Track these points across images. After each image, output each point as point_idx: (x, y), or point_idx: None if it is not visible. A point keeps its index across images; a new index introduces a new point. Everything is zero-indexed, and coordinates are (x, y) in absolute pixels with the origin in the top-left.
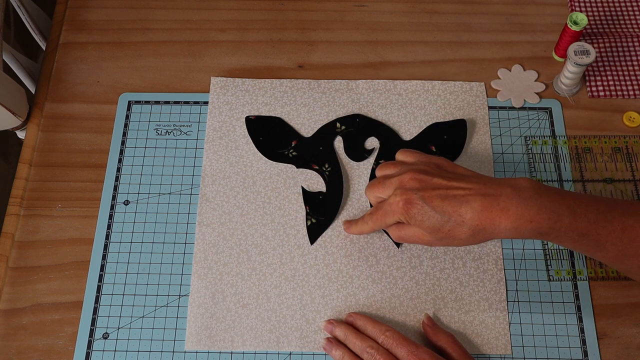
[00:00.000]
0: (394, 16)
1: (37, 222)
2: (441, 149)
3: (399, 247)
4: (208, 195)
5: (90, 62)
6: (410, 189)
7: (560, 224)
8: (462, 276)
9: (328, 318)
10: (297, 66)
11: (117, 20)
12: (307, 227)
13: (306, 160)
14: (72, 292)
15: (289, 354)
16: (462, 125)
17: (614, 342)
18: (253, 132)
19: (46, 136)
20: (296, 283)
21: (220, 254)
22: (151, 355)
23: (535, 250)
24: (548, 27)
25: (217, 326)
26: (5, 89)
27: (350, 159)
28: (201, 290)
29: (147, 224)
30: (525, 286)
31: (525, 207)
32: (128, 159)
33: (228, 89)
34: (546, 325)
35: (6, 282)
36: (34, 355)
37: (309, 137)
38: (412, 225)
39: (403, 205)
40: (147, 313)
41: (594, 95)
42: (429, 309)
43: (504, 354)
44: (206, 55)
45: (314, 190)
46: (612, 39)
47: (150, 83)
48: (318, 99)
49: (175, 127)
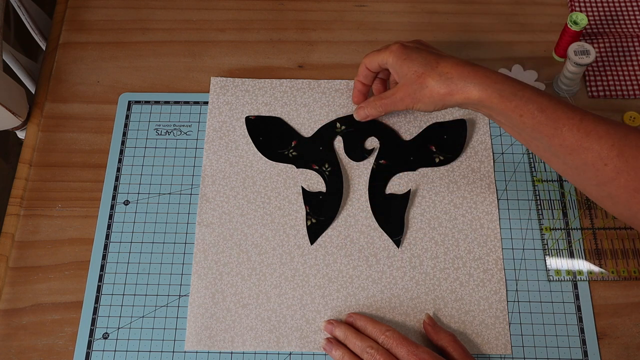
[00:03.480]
0: (394, 16)
1: (37, 222)
2: (441, 149)
3: (399, 247)
4: (208, 195)
5: (90, 62)
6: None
7: (524, 92)
8: (462, 276)
9: (328, 318)
10: (297, 66)
11: (117, 20)
12: (307, 227)
13: (306, 160)
14: (72, 292)
15: (289, 354)
16: (462, 125)
17: (614, 342)
18: (253, 132)
19: (46, 136)
20: (296, 283)
21: (220, 254)
22: (151, 355)
23: (535, 250)
24: (548, 27)
25: (217, 326)
26: (5, 89)
27: (350, 159)
28: (201, 290)
29: (147, 224)
30: (525, 286)
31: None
32: (128, 159)
33: (228, 89)
34: (546, 325)
35: (6, 282)
36: (34, 355)
37: (309, 137)
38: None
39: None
40: (147, 313)
41: (594, 95)
42: (429, 309)
43: (504, 354)
44: (206, 55)
45: (314, 190)
46: (612, 39)
47: (150, 83)
48: (318, 99)
49: (175, 127)
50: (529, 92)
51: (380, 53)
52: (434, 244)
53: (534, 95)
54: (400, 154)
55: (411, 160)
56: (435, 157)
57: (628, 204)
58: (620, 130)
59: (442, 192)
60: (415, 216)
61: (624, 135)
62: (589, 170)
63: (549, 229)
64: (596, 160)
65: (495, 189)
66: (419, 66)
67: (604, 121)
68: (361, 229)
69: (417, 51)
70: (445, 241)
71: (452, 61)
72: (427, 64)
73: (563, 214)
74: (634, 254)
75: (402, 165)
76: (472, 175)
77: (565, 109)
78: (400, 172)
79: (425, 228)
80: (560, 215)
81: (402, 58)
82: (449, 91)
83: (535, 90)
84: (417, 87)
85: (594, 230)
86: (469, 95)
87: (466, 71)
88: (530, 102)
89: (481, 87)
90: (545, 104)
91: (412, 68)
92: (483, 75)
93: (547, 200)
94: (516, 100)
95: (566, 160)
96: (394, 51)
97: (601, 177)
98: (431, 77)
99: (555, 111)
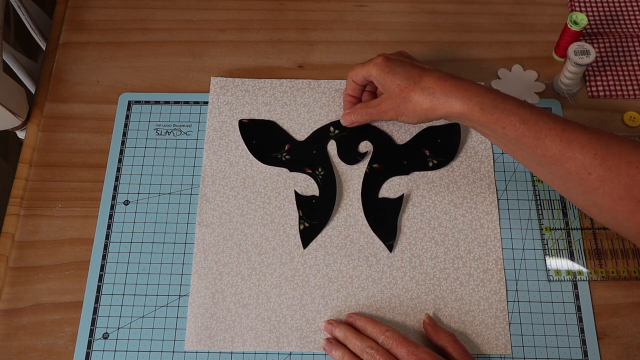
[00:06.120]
0: (394, 16)
1: (37, 222)
2: (435, 153)
3: (391, 251)
4: (208, 195)
5: (90, 62)
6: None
7: (505, 105)
8: (462, 276)
9: (328, 318)
10: (297, 66)
11: (117, 20)
12: (300, 230)
13: (299, 164)
14: (72, 292)
15: (289, 354)
16: (455, 129)
17: (614, 342)
18: (246, 136)
19: (46, 136)
20: (296, 283)
21: (220, 254)
22: (151, 355)
23: (535, 250)
24: (548, 27)
25: (217, 326)
26: (5, 89)
27: (343, 163)
28: (201, 290)
29: (147, 224)
30: (525, 286)
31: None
32: (128, 159)
33: (228, 89)
34: (546, 325)
35: (6, 282)
36: (34, 355)
37: (302, 141)
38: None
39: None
40: (147, 313)
41: (594, 95)
42: (429, 309)
43: (504, 354)
44: (206, 55)
45: (307, 194)
46: (612, 39)
47: (150, 83)
48: (318, 99)
49: (175, 127)
50: (510, 104)
51: (364, 66)
52: (434, 244)
53: (515, 107)
54: (393, 157)
55: (405, 164)
56: (429, 161)
57: (613, 212)
58: (602, 139)
59: (441, 192)
60: (415, 216)
61: (606, 144)
62: (574, 180)
63: (549, 229)
64: (580, 170)
65: (495, 189)
66: (401, 80)
67: (587, 130)
68: (354, 232)
69: (400, 64)
70: (445, 241)
71: (434, 75)
72: (410, 77)
73: (563, 214)
74: (634, 254)
75: (395, 169)
76: (472, 175)
77: (547, 120)
78: (394, 176)
79: (425, 228)
80: (560, 215)
81: (386, 71)
82: (431, 106)
83: (517, 102)
84: (400, 101)
85: (594, 230)
86: (452, 109)
87: (448, 85)
88: (512, 114)
89: (463, 101)
90: (527, 116)
91: (395, 82)
92: (465, 89)
93: (547, 200)
94: (497, 112)
95: (551, 169)
96: (377, 64)
97: (586, 186)
98: (414, 91)
99: (537, 122)
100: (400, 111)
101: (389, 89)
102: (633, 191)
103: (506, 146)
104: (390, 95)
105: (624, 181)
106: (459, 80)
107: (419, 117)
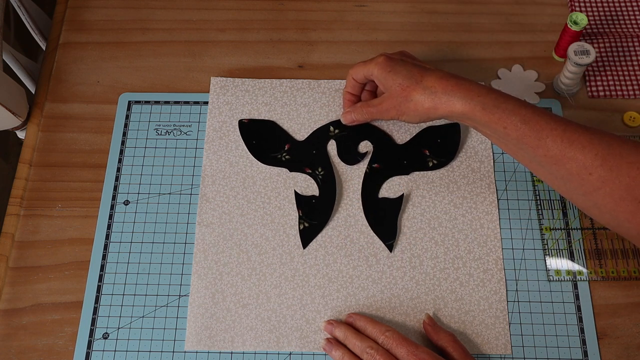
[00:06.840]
0: (394, 16)
1: (37, 222)
2: (435, 153)
3: (392, 251)
4: (208, 195)
5: (90, 62)
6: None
7: (506, 105)
8: (462, 276)
9: (328, 318)
10: (297, 66)
11: (117, 20)
12: (300, 230)
13: (299, 164)
14: (72, 292)
15: (289, 354)
16: (456, 129)
17: (614, 342)
18: (246, 136)
19: (46, 136)
20: (296, 283)
21: (220, 254)
22: (151, 355)
23: (535, 250)
24: (548, 27)
25: (217, 326)
26: (5, 89)
27: (343, 163)
28: (201, 290)
29: (147, 224)
30: (525, 286)
31: (475, 84)
32: (128, 159)
33: (228, 89)
34: (546, 325)
35: (6, 282)
36: (34, 355)
37: (302, 141)
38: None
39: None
40: (147, 313)
41: (594, 95)
42: (429, 309)
43: (504, 354)
44: (206, 55)
45: (306, 194)
46: (612, 39)
47: (150, 83)
48: (318, 99)
49: (175, 127)
50: (512, 104)
51: (366, 65)
52: (434, 244)
53: (517, 107)
54: (393, 157)
55: (405, 164)
56: (429, 160)
57: (614, 213)
58: (603, 140)
59: (441, 192)
60: (415, 216)
61: (607, 145)
62: (575, 180)
63: (549, 229)
64: (581, 170)
65: (495, 189)
66: (403, 79)
67: (588, 130)
68: (354, 232)
69: (402, 64)
70: (445, 241)
71: (436, 75)
72: (412, 77)
73: (563, 214)
74: (634, 254)
75: (395, 169)
76: (472, 175)
77: (549, 120)
78: (394, 176)
79: (425, 228)
80: (560, 215)
81: (387, 70)
82: (433, 105)
83: (519, 101)
84: (402, 100)
85: (594, 230)
86: (453, 109)
87: (450, 85)
88: (513, 114)
89: (464, 101)
90: (528, 116)
91: (397, 81)
92: (466, 89)
93: (547, 200)
94: (499, 112)
95: (552, 170)
96: (379, 63)
97: (587, 187)
98: (416, 90)
99: (539, 122)
100: (402, 110)
101: (391, 88)
102: (634, 192)
103: (507, 146)
104: (391, 95)
105: (625, 182)
106: (461, 80)
107: (420, 116)
